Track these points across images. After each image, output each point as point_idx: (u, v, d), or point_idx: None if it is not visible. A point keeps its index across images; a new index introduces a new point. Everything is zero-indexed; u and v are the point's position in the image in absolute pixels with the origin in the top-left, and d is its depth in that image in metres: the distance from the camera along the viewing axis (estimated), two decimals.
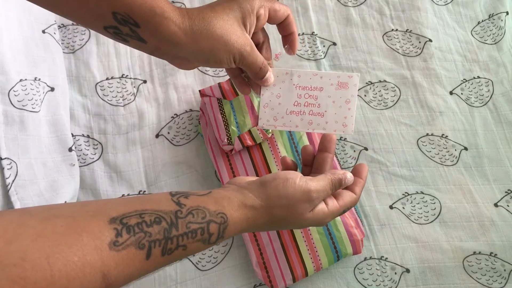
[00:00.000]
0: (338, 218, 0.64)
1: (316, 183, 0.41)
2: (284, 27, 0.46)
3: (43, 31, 0.74)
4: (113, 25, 0.38)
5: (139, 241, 0.32)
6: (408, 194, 0.72)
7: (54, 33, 0.76)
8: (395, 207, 0.72)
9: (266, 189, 0.40)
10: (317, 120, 0.47)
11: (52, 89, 0.71)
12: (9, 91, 0.63)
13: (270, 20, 0.44)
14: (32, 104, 0.66)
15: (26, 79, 0.66)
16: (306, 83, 0.47)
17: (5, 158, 0.59)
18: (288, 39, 0.47)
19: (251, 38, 0.44)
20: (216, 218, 0.36)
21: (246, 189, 0.40)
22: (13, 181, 0.59)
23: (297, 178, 0.40)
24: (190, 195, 0.37)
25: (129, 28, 0.38)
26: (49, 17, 0.76)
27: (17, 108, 0.63)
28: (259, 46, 0.47)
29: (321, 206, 0.42)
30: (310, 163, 0.49)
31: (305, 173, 0.49)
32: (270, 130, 0.67)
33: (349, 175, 0.45)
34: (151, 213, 0.34)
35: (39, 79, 0.69)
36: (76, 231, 0.30)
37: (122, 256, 0.31)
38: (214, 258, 0.67)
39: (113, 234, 0.31)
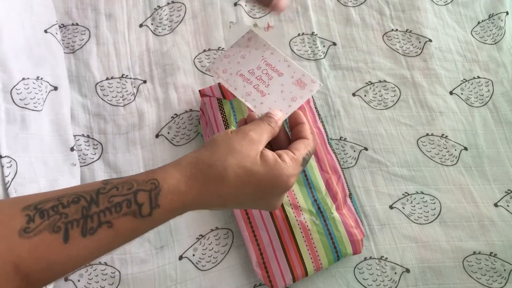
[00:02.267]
0: (338, 218, 0.64)
1: (251, 125, 0.38)
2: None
3: (45, 31, 0.74)
4: None
5: (54, 224, 0.29)
6: (408, 194, 0.72)
7: (56, 33, 0.76)
8: (395, 207, 0.72)
9: (204, 145, 0.36)
10: (255, 96, 0.46)
11: (56, 88, 0.71)
12: (12, 89, 0.63)
13: None
14: (34, 103, 0.66)
15: (28, 78, 0.67)
16: (272, 62, 0.47)
17: (5, 156, 0.59)
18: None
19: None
20: (145, 186, 0.32)
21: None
22: (12, 179, 0.59)
23: (232, 128, 0.38)
24: (124, 177, 0.33)
25: None
26: (51, 17, 0.77)
27: (19, 106, 0.64)
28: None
29: (269, 153, 0.36)
30: None
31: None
32: None
33: (276, 111, 0.41)
34: (71, 194, 0.31)
35: (42, 78, 0.69)
36: None
37: (35, 243, 0.28)
38: (214, 258, 0.67)
39: (24, 221, 0.29)
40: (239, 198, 0.35)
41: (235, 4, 0.85)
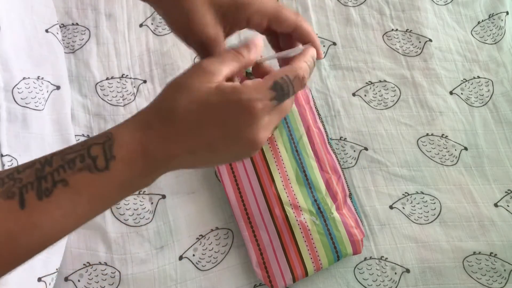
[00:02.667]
0: (338, 218, 0.64)
1: (211, 58, 0.33)
2: (296, 38, 0.36)
3: (46, 31, 0.74)
4: None
5: (8, 190, 0.27)
6: (408, 194, 0.72)
7: (57, 33, 0.76)
8: (395, 207, 0.72)
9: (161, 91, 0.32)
10: None
11: (58, 88, 0.71)
12: (13, 88, 0.63)
13: (273, 28, 0.36)
14: (35, 103, 0.66)
15: (29, 77, 0.67)
16: None
17: (6, 155, 0.59)
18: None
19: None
20: (98, 140, 0.29)
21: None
22: None
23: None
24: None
25: None
26: (51, 17, 0.77)
27: (20, 105, 0.64)
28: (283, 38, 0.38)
29: (229, 83, 0.31)
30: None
31: None
32: None
33: (258, 39, 0.35)
34: (27, 162, 0.29)
35: (42, 77, 0.69)
36: None
37: None
38: (214, 258, 0.67)
39: None
40: (202, 136, 0.31)
41: None
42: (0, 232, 0.27)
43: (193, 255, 0.67)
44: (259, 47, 0.35)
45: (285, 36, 0.37)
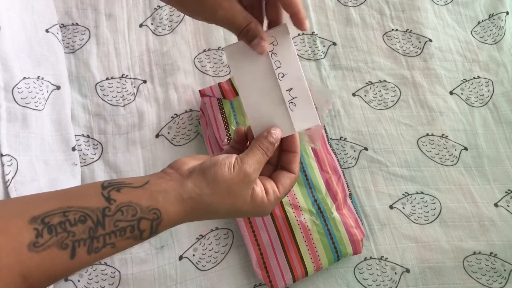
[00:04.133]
0: (338, 218, 0.64)
1: (250, 160, 0.39)
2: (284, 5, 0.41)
3: (47, 31, 0.74)
4: None
5: (62, 241, 0.31)
6: (408, 194, 0.72)
7: (57, 33, 0.76)
8: (395, 207, 0.72)
9: (206, 177, 0.37)
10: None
11: (58, 88, 0.71)
12: (13, 88, 0.63)
13: None
14: (35, 102, 0.66)
15: (29, 77, 0.67)
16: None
17: (6, 154, 0.59)
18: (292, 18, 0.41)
19: None
20: (148, 215, 0.34)
21: (188, 178, 0.37)
22: (12, 177, 0.59)
23: (232, 159, 0.38)
24: (123, 187, 0.35)
25: None
26: (52, 17, 0.77)
27: (20, 105, 0.64)
28: (268, 4, 0.42)
29: (259, 192, 0.39)
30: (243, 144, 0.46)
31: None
32: None
33: (275, 130, 0.42)
34: (76, 210, 0.32)
35: (42, 77, 0.69)
36: None
37: (43, 257, 0.30)
38: (214, 258, 0.67)
39: (33, 235, 0.30)
40: (216, 214, 0.39)
41: None
42: (48, 275, 0.30)
43: (193, 255, 0.67)
44: (279, 140, 0.42)
45: (272, 4, 0.42)
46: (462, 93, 0.81)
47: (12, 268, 0.29)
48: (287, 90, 0.42)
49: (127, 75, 0.79)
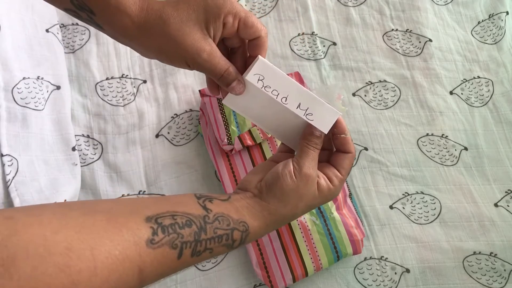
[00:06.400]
0: (338, 218, 0.64)
1: (306, 161, 0.42)
2: (251, 47, 0.43)
3: (47, 31, 0.74)
4: (72, 9, 0.39)
5: (173, 242, 0.34)
6: (408, 194, 0.72)
7: (57, 33, 0.76)
8: (395, 207, 0.72)
9: (275, 193, 0.41)
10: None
11: (58, 88, 0.71)
12: (13, 88, 0.63)
13: (240, 33, 0.42)
14: (35, 103, 0.66)
15: (29, 77, 0.67)
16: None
17: (6, 154, 0.59)
18: (250, 61, 0.44)
19: (222, 43, 0.43)
20: (239, 226, 0.38)
21: (259, 197, 0.42)
22: (13, 177, 0.59)
23: (290, 167, 0.42)
24: (213, 199, 0.39)
25: (86, 14, 0.39)
26: (52, 17, 0.77)
27: (20, 105, 0.64)
28: (233, 51, 0.45)
29: (324, 183, 0.43)
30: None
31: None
32: None
33: (316, 127, 0.44)
34: (182, 215, 0.36)
35: (42, 78, 0.69)
36: (116, 226, 0.31)
37: (157, 254, 0.32)
38: (214, 258, 0.67)
39: (149, 232, 0.33)
40: (299, 214, 0.43)
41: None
42: (157, 272, 0.33)
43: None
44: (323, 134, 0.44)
45: (245, 46, 0.44)
46: (462, 93, 0.81)
47: (133, 260, 0.31)
48: (297, 108, 0.43)
49: (127, 75, 0.79)
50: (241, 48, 0.44)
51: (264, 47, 0.43)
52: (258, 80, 0.43)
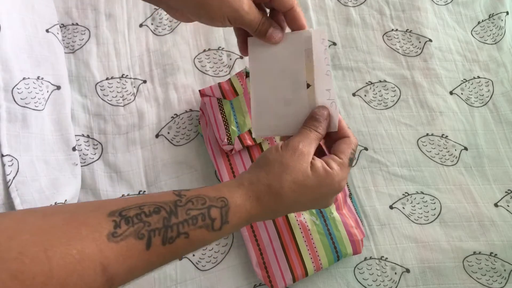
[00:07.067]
0: (338, 218, 0.64)
1: (297, 137, 0.40)
2: (289, 21, 0.43)
3: (47, 31, 0.74)
4: None
5: (138, 231, 0.32)
6: (408, 194, 0.72)
7: (57, 33, 0.76)
8: (395, 207, 0.72)
9: (259, 164, 0.39)
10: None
11: (58, 88, 0.71)
12: (13, 88, 0.63)
13: (273, 3, 0.41)
14: (35, 103, 0.66)
15: (29, 78, 0.67)
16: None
17: (7, 155, 0.59)
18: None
19: None
20: (216, 203, 0.36)
21: (244, 173, 0.40)
22: (13, 177, 0.59)
23: (280, 142, 0.40)
24: (191, 189, 0.37)
25: None
26: (52, 17, 0.77)
27: (20, 105, 0.64)
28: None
29: (318, 163, 0.39)
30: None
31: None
32: None
33: (318, 109, 0.42)
34: (151, 204, 0.33)
35: (42, 78, 0.69)
36: (74, 225, 0.30)
37: (121, 247, 0.31)
38: (214, 258, 0.67)
39: (111, 226, 0.31)
40: (297, 206, 0.40)
41: None
42: (126, 266, 0.31)
43: (193, 255, 0.67)
44: (327, 118, 0.42)
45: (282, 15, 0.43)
46: (462, 93, 0.81)
47: (93, 257, 0.29)
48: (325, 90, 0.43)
49: (127, 75, 0.79)
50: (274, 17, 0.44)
51: (301, 18, 0.42)
52: (323, 40, 0.43)
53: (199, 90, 0.73)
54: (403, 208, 0.72)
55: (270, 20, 0.42)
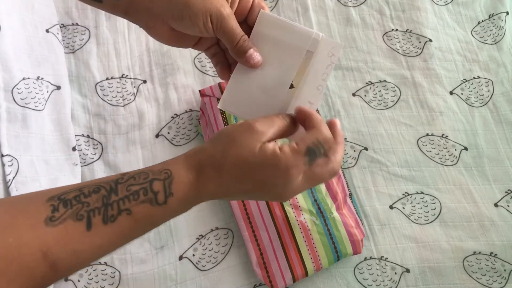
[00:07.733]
0: (338, 218, 0.64)
1: (259, 118, 0.38)
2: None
3: (47, 31, 0.74)
4: None
5: (77, 213, 0.31)
6: (408, 194, 0.72)
7: (57, 33, 0.76)
8: (395, 207, 0.72)
9: (211, 138, 0.38)
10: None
11: (58, 88, 0.71)
12: (13, 88, 0.63)
13: (249, 16, 0.41)
14: (35, 103, 0.66)
15: (29, 78, 0.67)
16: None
17: (7, 155, 0.59)
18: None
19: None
20: (159, 175, 0.34)
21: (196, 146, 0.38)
22: (13, 177, 0.59)
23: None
24: (141, 168, 0.35)
25: None
26: (52, 17, 0.77)
27: (20, 105, 0.64)
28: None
29: (270, 145, 0.36)
30: None
31: None
32: None
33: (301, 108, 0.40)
34: (91, 185, 0.32)
35: (42, 78, 0.69)
36: (12, 214, 0.30)
37: (60, 231, 0.30)
38: (214, 258, 0.67)
39: (49, 210, 0.30)
40: (242, 187, 0.36)
41: None
42: (68, 250, 0.30)
43: (193, 255, 0.67)
44: (302, 128, 0.39)
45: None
46: (462, 93, 0.81)
47: (31, 244, 0.29)
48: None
49: (127, 75, 0.79)
50: (252, 12, 0.42)
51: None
52: (332, 55, 0.41)
53: (199, 90, 0.73)
54: (403, 208, 0.72)
55: (249, 41, 0.41)
